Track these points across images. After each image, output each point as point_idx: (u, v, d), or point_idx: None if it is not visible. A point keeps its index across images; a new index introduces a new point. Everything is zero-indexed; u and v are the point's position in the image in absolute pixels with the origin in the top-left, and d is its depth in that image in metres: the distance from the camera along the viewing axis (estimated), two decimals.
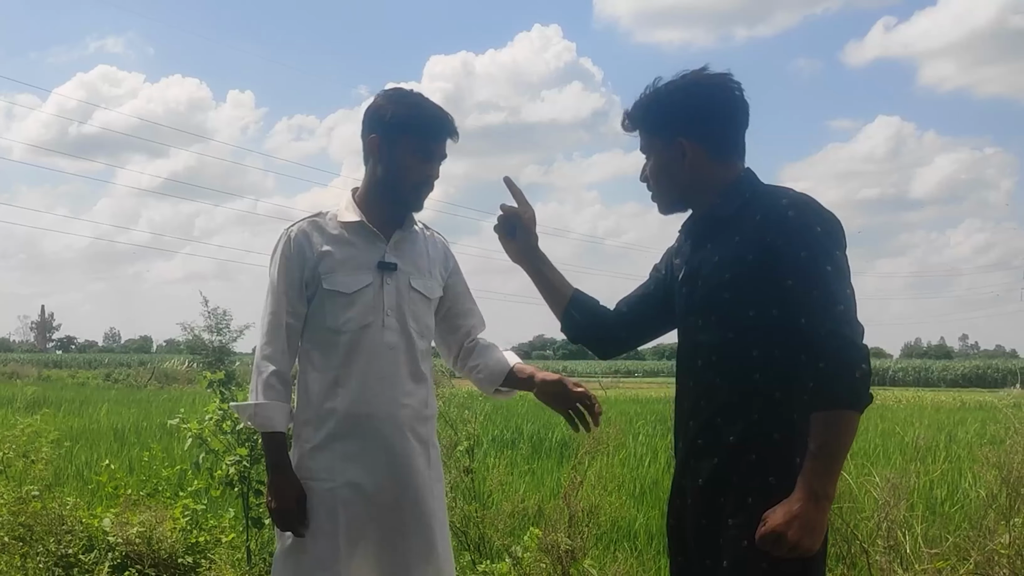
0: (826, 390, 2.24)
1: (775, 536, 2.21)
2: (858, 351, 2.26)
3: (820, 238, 2.36)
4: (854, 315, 2.32)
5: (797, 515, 2.20)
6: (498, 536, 5.22)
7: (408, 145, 2.97)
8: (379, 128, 3.00)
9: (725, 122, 2.60)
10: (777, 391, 2.39)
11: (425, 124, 2.99)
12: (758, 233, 2.41)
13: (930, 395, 39.92)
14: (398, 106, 2.99)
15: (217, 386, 5.53)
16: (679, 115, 2.57)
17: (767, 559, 2.27)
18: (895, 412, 23.06)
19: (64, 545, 5.30)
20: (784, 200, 2.43)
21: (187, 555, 5.65)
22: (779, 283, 2.35)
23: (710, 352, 2.51)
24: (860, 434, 12.06)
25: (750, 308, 2.41)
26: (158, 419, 15.20)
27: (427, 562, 2.99)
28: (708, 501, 2.48)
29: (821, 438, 2.23)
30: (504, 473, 6.13)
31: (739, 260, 2.43)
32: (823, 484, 2.22)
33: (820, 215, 2.41)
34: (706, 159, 2.58)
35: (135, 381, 40.11)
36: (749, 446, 2.41)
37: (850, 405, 2.24)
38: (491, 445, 10.95)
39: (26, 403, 16.95)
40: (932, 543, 5.01)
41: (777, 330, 2.36)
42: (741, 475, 2.41)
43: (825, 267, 2.32)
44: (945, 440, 13.78)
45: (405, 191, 3.04)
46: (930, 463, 9.53)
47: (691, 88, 2.58)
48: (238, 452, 5.31)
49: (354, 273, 2.99)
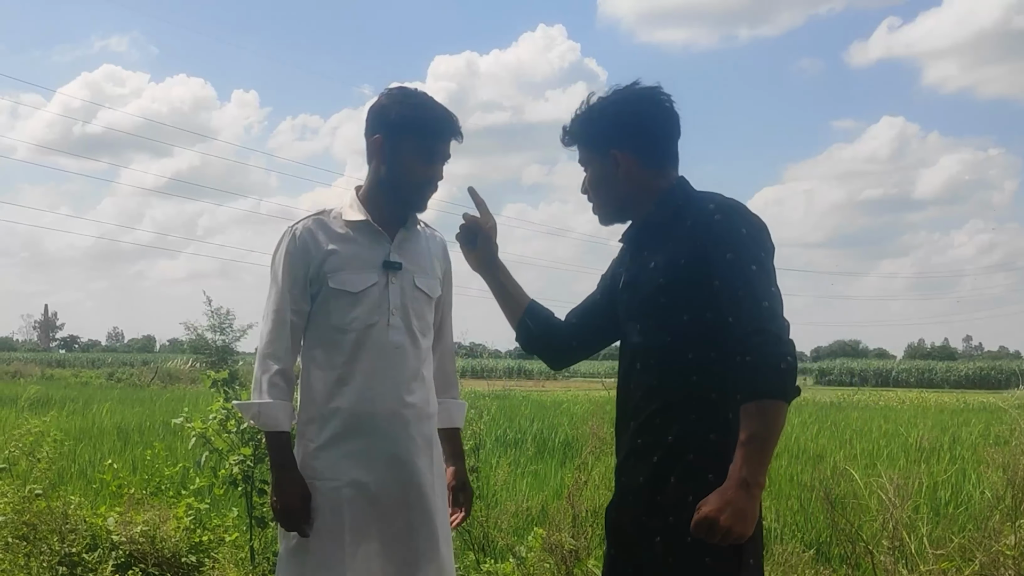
0: (754, 382, 2.32)
1: (708, 523, 2.28)
2: (783, 345, 2.35)
3: (745, 240, 2.45)
4: (780, 312, 2.40)
5: (729, 502, 2.27)
6: (502, 536, 5.22)
7: (412, 145, 2.97)
8: (383, 128, 3.00)
9: (656, 133, 2.70)
10: (713, 392, 2.47)
11: (429, 125, 2.99)
12: (689, 238, 2.50)
13: (934, 396, 39.88)
14: (402, 106, 2.99)
15: (221, 385, 5.53)
16: (612, 128, 2.67)
17: (708, 552, 2.36)
18: (898, 413, 23.09)
19: (68, 544, 5.30)
20: (711, 205, 2.53)
21: (191, 554, 5.65)
22: (708, 285, 2.44)
23: (648, 355, 2.60)
24: (864, 435, 12.15)
25: (685, 312, 2.50)
26: (161, 418, 15.21)
27: (431, 561, 2.99)
28: (648, 499, 2.55)
29: (751, 428, 2.30)
30: (508, 473, 6.13)
31: (673, 265, 2.53)
32: (753, 472, 2.29)
33: (745, 218, 2.51)
34: (639, 169, 2.67)
35: (138, 380, 40.09)
36: (687, 446, 2.49)
37: (777, 396, 2.32)
38: (495, 445, 10.96)
39: (29, 402, 16.95)
40: (937, 544, 5.00)
41: (711, 332, 2.44)
42: (679, 474, 2.49)
43: (750, 267, 2.41)
44: (949, 441, 13.78)
45: (408, 191, 3.04)
46: (934, 464, 9.55)
47: (622, 102, 2.68)
48: (242, 451, 5.31)
49: (360, 272, 2.99)
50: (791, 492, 8.46)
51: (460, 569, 4.96)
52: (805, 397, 35.22)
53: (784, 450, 12.92)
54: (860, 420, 19.29)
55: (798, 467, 10.46)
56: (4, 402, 19.79)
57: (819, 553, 5.85)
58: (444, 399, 3.27)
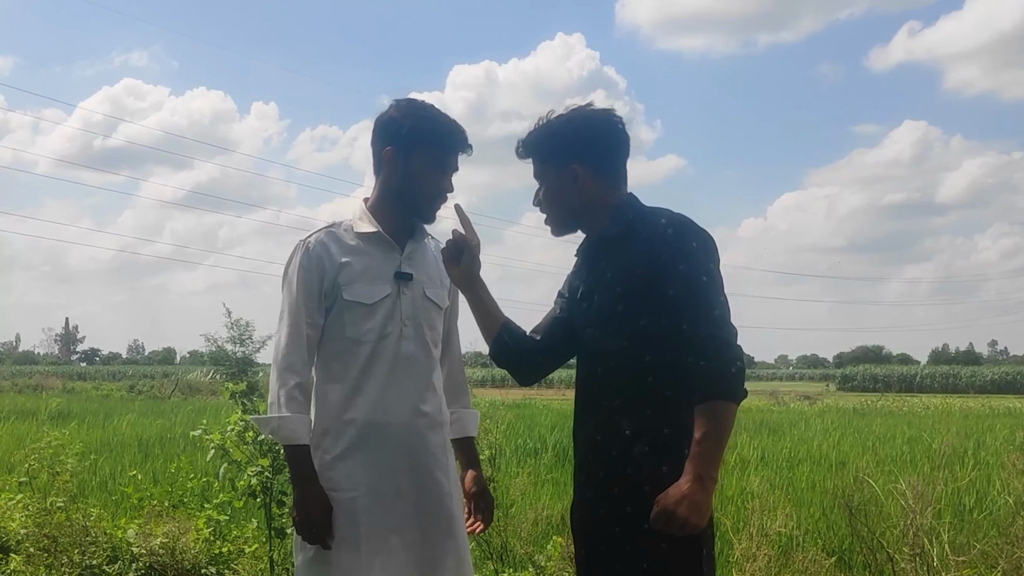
0: (708, 385, 2.51)
1: (667, 515, 2.45)
2: (733, 350, 2.55)
3: (696, 252, 2.64)
4: (728, 319, 2.60)
5: (686, 495, 2.45)
6: (521, 544, 5.21)
7: (423, 158, 3.00)
8: (394, 140, 3.02)
9: (611, 151, 2.87)
10: (668, 390, 2.64)
11: (440, 137, 3.02)
12: (644, 250, 2.67)
13: (958, 401, 39.54)
14: (414, 119, 3.01)
15: (239, 397, 5.53)
16: (572, 144, 2.82)
17: (665, 540, 2.52)
18: (922, 419, 22.91)
19: (88, 556, 5.33)
20: (663, 220, 2.70)
21: (210, 566, 5.66)
22: (663, 294, 2.61)
23: (608, 358, 2.74)
24: (888, 440, 12.08)
25: (641, 318, 2.66)
26: (182, 431, 15.24)
27: (450, 568, 3.00)
28: (606, 492, 2.70)
29: (705, 427, 2.49)
30: (527, 482, 6.11)
31: (629, 275, 2.70)
32: (707, 468, 2.48)
33: (695, 232, 2.69)
34: (595, 184, 2.83)
35: (159, 393, 40.20)
36: (642, 440, 2.65)
37: (728, 397, 2.51)
38: (514, 454, 10.94)
39: (50, 415, 17.01)
40: (960, 551, 4.96)
41: (666, 336, 2.61)
42: (635, 466, 2.64)
43: (701, 278, 2.61)
44: (973, 447, 13.67)
45: (419, 203, 3.06)
46: (958, 470, 9.46)
47: (582, 120, 2.84)
48: (260, 463, 5.31)
49: (373, 284, 3.00)
50: (812, 499, 8.42)
51: None
52: (827, 403, 35.08)
53: (805, 457, 12.87)
54: (883, 426, 19.17)
55: (819, 474, 10.40)
56: (26, 415, 19.90)
57: (840, 560, 5.81)
58: (456, 409, 3.27)
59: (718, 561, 6.01)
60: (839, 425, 19.40)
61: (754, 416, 23.43)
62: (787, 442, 15.32)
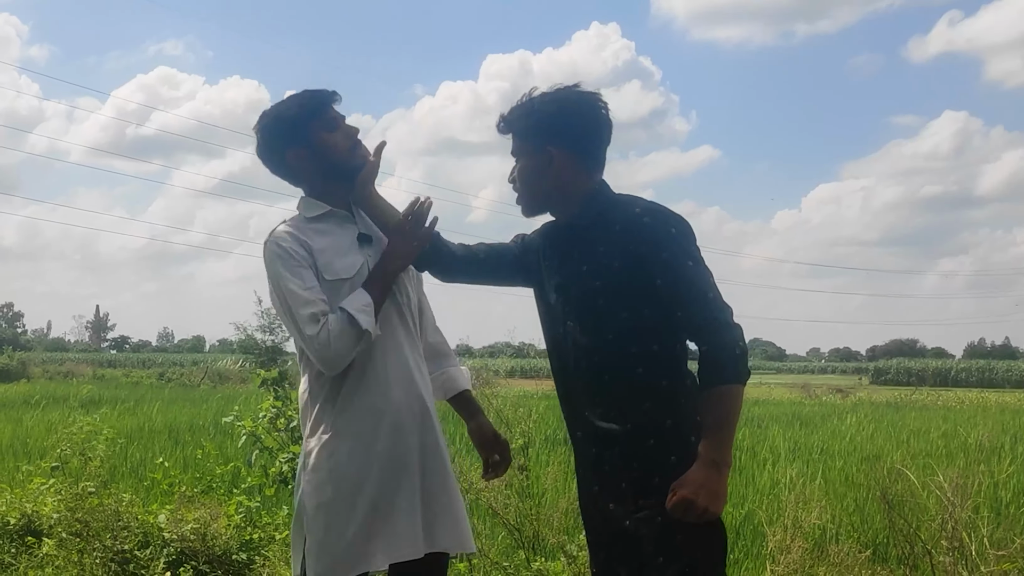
0: (712, 370, 2.55)
1: (686, 503, 2.48)
2: (733, 331, 2.56)
3: (677, 238, 2.63)
4: (722, 300, 2.60)
5: (703, 483, 2.49)
6: (552, 534, 5.18)
7: (315, 129, 3.04)
8: (288, 141, 3.06)
9: (592, 136, 2.83)
10: (663, 380, 2.65)
11: (311, 104, 3.06)
12: (620, 241, 2.66)
13: (994, 396, 39.14)
14: (284, 112, 3.07)
15: (270, 384, 5.54)
16: (551, 124, 2.79)
17: (682, 530, 2.53)
18: (958, 413, 22.69)
19: (120, 541, 5.33)
20: (637, 209, 2.68)
21: (241, 552, 5.66)
22: (648, 284, 2.61)
23: (593, 353, 2.73)
24: (922, 434, 11.99)
25: (623, 311, 2.66)
26: (212, 418, 15.33)
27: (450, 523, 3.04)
28: (614, 486, 2.70)
29: (714, 413, 2.53)
30: (558, 471, 6.08)
31: (606, 268, 2.68)
32: (721, 453, 2.52)
33: (673, 219, 2.67)
34: (571, 168, 2.79)
35: (188, 380, 40.43)
36: (646, 433, 2.64)
37: (734, 380, 2.54)
38: (544, 444, 10.89)
39: (81, 402, 17.16)
40: (998, 545, 4.88)
41: (651, 327, 2.64)
42: (642, 460, 2.64)
43: (686, 263, 2.61)
44: (1011, 441, 13.52)
45: (345, 162, 3.07)
46: (995, 464, 9.35)
47: (564, 101, 2.80)
48: (291, 449, 5.31)
49: (345, 256, 3.01)
50: (847, 492, 8.34)
51: (510, 568, 4.93)
52: (860, 397, 34.85)
53: (839, 450, 12.77)
54: (918, 420, 18.99)
55: (853, 467, 10.31)
56: (57, 402, 20.08)
57: (875, 554, 5.75)
58: (444, 367, 3.31)
59: (750, 554, 5.99)
60: (872, 418, 19.24)
61: (786, 409, 23.32)
62: (820, 435, 15.22)
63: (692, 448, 2.56)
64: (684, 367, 2.71)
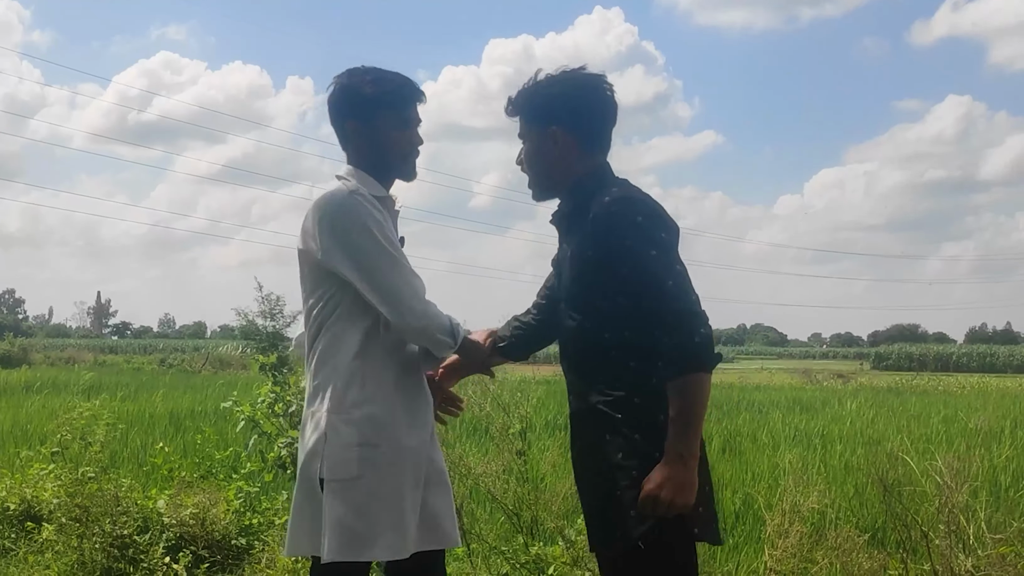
0: (674, 360, 2.55)
1: (652, 499, 2.53)
2: (694, 318, 2.56)
3: (642, 226, 2.63)
4: (686, 287, 2.60)
5: (668, 477, 2.52)
6: (551, 519, 5.17)
7: (386, 120, 3.02)
8: (354, 111, 3.04)
9: (595, 117, 2.84)
10: (632, 362, 2.67)
11: (396, 96, 3.03)
12: (592, 231, 2.69)
13: (995, 381, 39.17)
14: (368, 85, 3.02)
15: (269, 370, 5.54)
16: (555, 106, 2.81)
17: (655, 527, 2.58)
18: (958, 398, 22.70)
19: (119, 526, 5.34)
20: (607, 198, 2.69)
21: (240, 537, 5.68)
22: (616, 273, 2.64)
23: (574, 335, 2.81)
24: (922, 419, 11.94)
25: (597, 298, 2.71)
26: (213, 404, 15.33)
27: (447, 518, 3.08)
28: (590, 457, 2.79)
29: (677, 404, 2.55)
30: (557, 456, 6.07)
31: (582, 256, 2.74)
32: (686, 445, 2.54)
33: (640, 205, 2.68)
34: (574, 150, 2.82)
35: (189, 366, 40.51)
36: (615, 411, 2.68)
37: (696, 368, 2.54)
38: (544, 429, 10.89)
39: (82, 388, 17.16)
40: (996, 529, 4.88)
41: (624, 314, 2.65)
42: (613, 434, 2.69)
43: (650, 252, 2.61)
44: (1011, 426, 13.51)
45: (396, 164, 3.08)
46: (995, 449, 9.35)
47: (568, 83, 2.83)
48: (290, 434, 5.31)
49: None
50: (846, 477, 8.34)
51: (509, 552, 4.93)
52: (861, 382, 34.85)
53: (838, 435, 12.77)
54: (918, 405, 18.99)
55: (853, 452, 10.31)
56: (58, 387, 20.09)
57: (874, 538, 5.75)
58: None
59: (750, 538, 5.99)
60: (873, 403, 19.24)
61: (787, 394, 23.34)
62: (820, 420, 15.22)
63: (658, 427, 2.60)
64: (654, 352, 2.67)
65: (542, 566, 4.78)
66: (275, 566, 5.11)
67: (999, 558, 4.55)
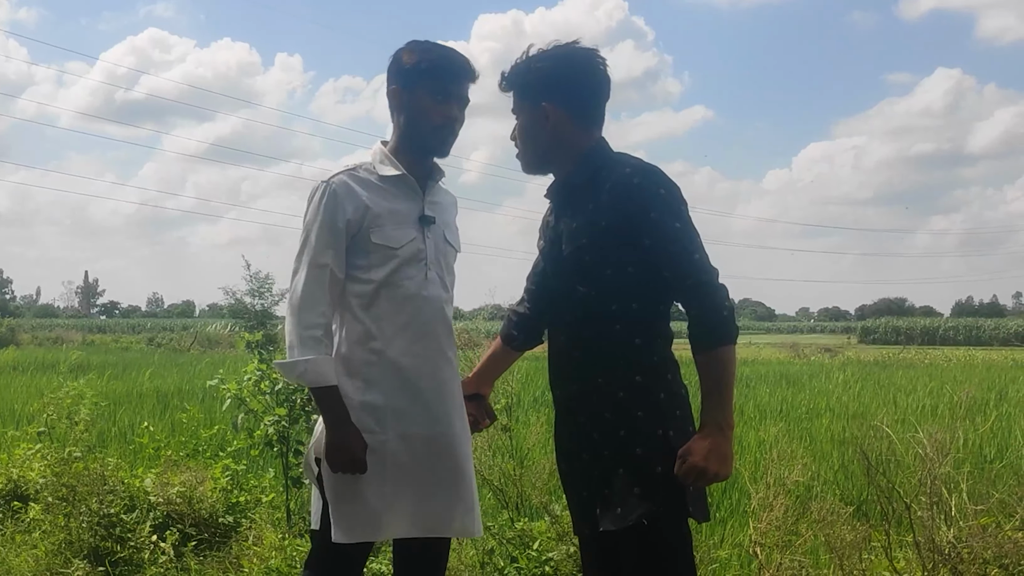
0: (702, 334, 2.60)
1: (697, 470, 2.54)
2: (719, 292, 2.60)
3: (666, 199, 2.65)
4: (709, 261, 2.64)
5: (711, 449, 2.54)
6: (536, 494, 5.19)
7: (425, 89, 2.99)
8: (398, 78, 3.03)
9: (587, 92, 2.85)
10: (637, 338, 2.69)
11: (439, 66, 3.00)
12: (610, 201, 2.68)
13: (981, 354, 39.35)
14: (415, 55, 3.01)
15: (255, 347, 5.53)
16: (546, 81, 2.81)
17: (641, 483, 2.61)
18: (945, 371, 22.83)
19: (106, 505, 5.34)
20: (628, 169, 2.69)
21: (227, 515, 5.69)
22: (636, 244, 2.64)
23: (576, 308, 2.78)
24: (908, 392, 11.99)
25: (607, 268, 2.69)
26: (200, 383, 15.32)
27: (465, 513, 3.03)
28: (587, 437, 2.77)
29: (710, 377, 2.59)
30: (544, 432, 6.09)
31: (594, 225, 2.71)
32: (724, 415, 2.58)
33: (662, 180, 2.68)
34: (567, 124, 2.82)
35: (178, 345, 40.47)
36: (616, 388, 2.69)
37: (725, 341, 2.59)
38: (531, 405, 10.92)
39: (70, 367, 17.13)
40: (979, 500, 4.92)
41: (633, 286, 2.67)
42: (612, 411, 2.70)
43: (674, 224, 2.63)
44: (995, 398, 13.60)
45: (426, 135, 3.04)
46: (980, 421, 9.41)
47: (560, 57, 2.82)
48: (277, 412, 5.32)
49: (400, 227, 2.99)
50: (831, 450, 8.39)
51: (494, 527, 4.95)
52: (848, 356, 34.96)
53: (825, 408, 12.84)
54: (905, 378, 19.10)
55: (839, 425, 10.37)
56: (46, 368, 20.06)
57: (858, 510, 5.79)
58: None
59: (735, 511, 6.03)
60: (860, 377, 19.35)
61: (774, 368, 23.44)
62: (807, 394, 15.31)
63: (659, 407, 2.65)
64: (661, 328, 2.75)
65: (528, 541, 4.80)
66: (262, 543, 5.12)
67: (980, 529, 4.59)
